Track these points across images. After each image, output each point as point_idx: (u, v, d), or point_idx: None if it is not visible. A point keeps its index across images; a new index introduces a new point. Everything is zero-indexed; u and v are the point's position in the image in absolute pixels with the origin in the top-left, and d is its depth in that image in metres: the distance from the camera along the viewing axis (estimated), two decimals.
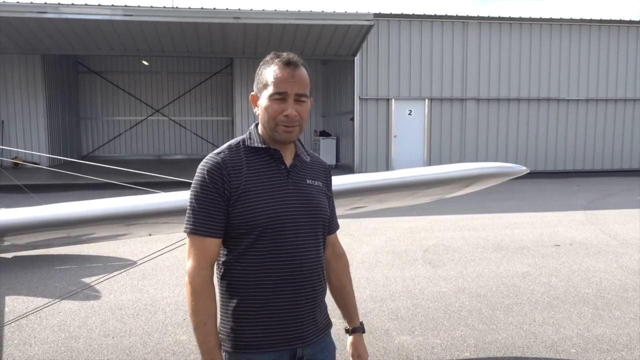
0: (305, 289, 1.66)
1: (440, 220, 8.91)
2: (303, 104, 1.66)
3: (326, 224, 1.77)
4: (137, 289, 5.21)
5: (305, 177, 1.73)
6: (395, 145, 15.96)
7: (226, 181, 1.60)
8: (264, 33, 14.11)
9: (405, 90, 15.77)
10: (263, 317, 1.63)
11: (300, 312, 1.66)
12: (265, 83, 1.65)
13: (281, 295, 1.63)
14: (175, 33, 13.97)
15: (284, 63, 1.63)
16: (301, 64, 1.66)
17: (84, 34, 13.84)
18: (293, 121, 1.63)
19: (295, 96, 1.63)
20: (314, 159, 1.83)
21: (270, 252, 1.61)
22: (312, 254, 1.68)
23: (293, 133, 1.65)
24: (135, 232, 3.21)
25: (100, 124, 21.97)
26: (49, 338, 4.05)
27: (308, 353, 1.71)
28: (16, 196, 10.05)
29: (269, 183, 1.64)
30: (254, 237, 1.61)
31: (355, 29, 14.01)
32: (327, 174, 1.85)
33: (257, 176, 1.64)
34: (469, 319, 4.50)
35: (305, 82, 1.66)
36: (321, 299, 1.75)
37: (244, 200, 1.60)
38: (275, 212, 1.61)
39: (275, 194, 1.63)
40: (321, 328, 1.75)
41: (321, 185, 1.78)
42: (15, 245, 3.22)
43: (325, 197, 1.78)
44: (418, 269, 6.05)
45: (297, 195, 1.68)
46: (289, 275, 1.63)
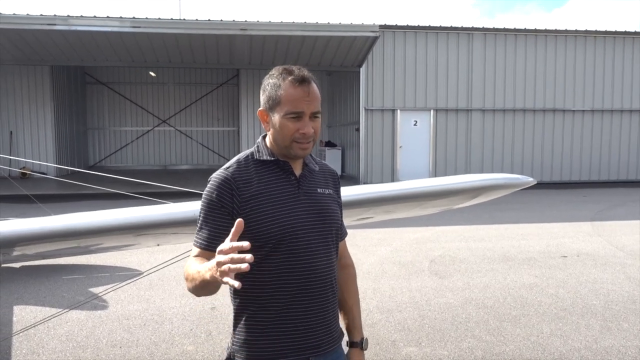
0: (318, 298, 1.67)
1: (446, 231, 8.89)
2: (317, 120, 1.66)
3: (338, 232, 1.79)
4: (144, 299, 5.23)
5: (316, 186, 1.74)
6: (400, 156, 15.97)
7: (235, 195, 1.61)
8: (270, 45, 14.22)
9: (411, 101, 15.81)
10: (277, 327, 1.64)
11: (314, 321, 1.67)
12: (278, 101, 1.63)
13: (295, 306, 1.64)
14: (182, 44, 14.09)
15: (298, 81, 1.61)
16: (313, 80, 1.66)
17: (93, 46, 13.98)
18: (309, 138, 1.64)
19: (311, 115, 1.63)
20: (322, 167, 1.84)
21: (284, 263, 1.62)
22: (325, 262, 1.69)
23: (308, 149, 1.66)
24: (144, 242, 3.24)
25: (107, 135, 22.11)
26: (56, 348, 4.07)
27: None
28: (24, 206, 10.11)
29: (280, 195, 1.65)
30: (268, 249, 1.61)
31: (361, 40, 14.09)
32: (336, 181, 1.86)
33: (268, 188, 1.64)
34: (476, 331, 4.49)
35: (319, 99, 1.67)
36: (334, 308, 1.75)
37: (256, 213, 1.60)
38: (289, 224, 1.62)
39: (287, 205, 1.64)
40: (335, 338, 1.75)
41: (332, 192, 1.79)
42: (25, 255, 3.25)
43: (336, 205, 1.79)
44: (424, 279, 6.04)
45: (309, 204, 1.69)
46: (303, 285, 1.64)
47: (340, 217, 1.83)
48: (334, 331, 1.75)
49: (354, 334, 1.88)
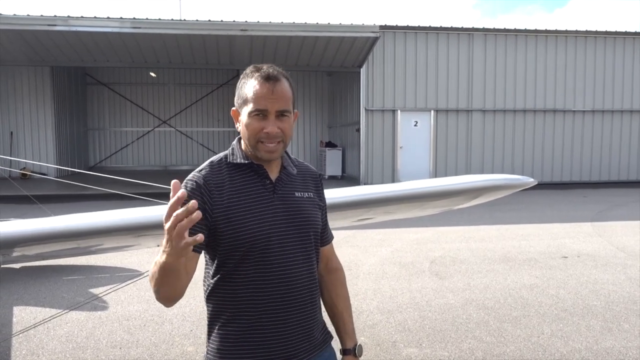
0: (295, 307, 1.60)
1: (446, 232, 8.88)
2: (285, 119, 1.58)
3: (318, 237, 1.70)
4: (144, 300, 5.22)
5: (293, 190, 1.66)
6: (401, 157, 15.96)
7: (207, 200, 1.53)
8: (270, 45, 14.22)
9: (411, 102, 15.80)
10: (251, 337, 1.57)
11: (290, 331, 1.60)
12: (245, 99, 1.58)
13: (270, 315, 1.57)
14: (182, 45, 14.09)
15: (264, 78, 1.55)
16: (283, 77, 1.59)
17: (93, 46, 13.99)
18: (274, 138, 1.56)
19: (277, 113, 1.56)
20: (302, 169, 1.76)
21: (257, 272, 1.55)
22: (303, 270, 1.62)
23: (275, 152, 1.59)
24: (144, 243, 3.23)
25: (107, 135, 22.13)
26: (56, 349, 4.06)
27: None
28: (24, 207, 10.11)
29: (254, 200, 1.58)
30: (239, 257, 1.55)
31: (361, 41, 14.09)
32: (318, 183, 1.77)
33: (241, 193, 1.57)
34: (476, 332, 4.48)
35: (287, 97, 1.58)
36: (313, 316, 1.67)
37: (228, 219, 1.53)
38: (260, 230, 1.55)
39: (259, 211, 1.57)
40: (317, 344, 1.68)
41: (312, 195, 1.71)
42: (25, 256, 3.25)
43: (316, 208, 1.71)
44: (425, 280, 6.03)
45: (285, 210, 1.61)
46: (278, 295, 1.57)
47: (322, 221, 1.75)
48: (314, 339, 1.68)
49: (346, 340, 1.81)
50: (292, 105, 1.62)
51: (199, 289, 1.63)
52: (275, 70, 1.58)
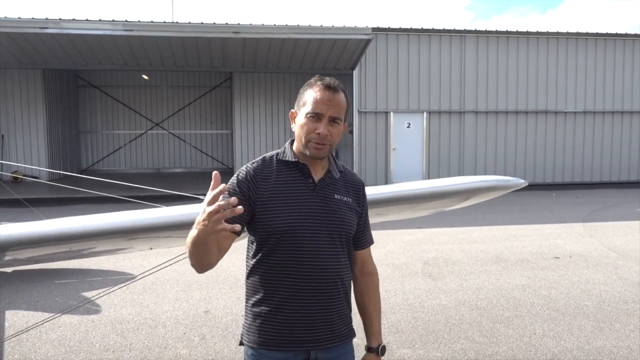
0: (320, 295, 1.76)
1: (439, 233, 8.92)
2: (336, 125, 1.77)
3: (350, 238, 1.86)
4: (137, 303, 5.21)
5: (333, 193, 1.83)
6: (394, 158, 16.00)
7: (252, 188, 1.75)
8: (263, 47, 14.22)
9: (404, 103, 15.85)
10: (279, 317, 1.75)
11: (314, 316, 1.76)
12: (304, 102, 1.79)
13: (297, 300, 1.74)
14: (175, 47, 14.07)
15: (325, 86, 1.76)
16: (341, 90, 1.79)
17: (85, 49, 13.93)
18: (324, 140, 1.74)
19: (330, 118, 1.75)
20: (348, 176, 1.92)
21: (288, 259, 1.74)
22: (331, 264, 1.77)
23: (322, 151, 1.76)
24: (136, 246, 3.23)
25: (100, 138, 22.02)
26: (49, 353, 4.05)
27: (322, 357, 1.80)
28: (16, 210, 10.06)
29: (294, 194, 1.77)
30: (274, 243, 1.74)
31: (354, 43, 14.12)
32: (359, 191, 1.93)
33: (283, 187, 1.77)
34: (469, 332, 4.51)
35: (342, 107, 1.77)
36: (339, 308, 1.82)
37: (267, 207, 1.74)
38: (293, 222, 1.73)
39: (297, 205, 1.75)
40: (338, 335, 1.82)
41: (351, 201, 1.87)
42: (17, 259, 3.24)
43: (352, 213, 1.86)
44: (418, 281, 6.05)
45: (320, 208, 1.78)
46: (305, 282, 1.74)
47: (360, 225, 1.92)
48: (337, 329, 1.82)
49: (372, 339, 1.96)
50: (345, 116, 1.81)
51: (192, 291, 1.66)
52: (335, 82, 1.79)
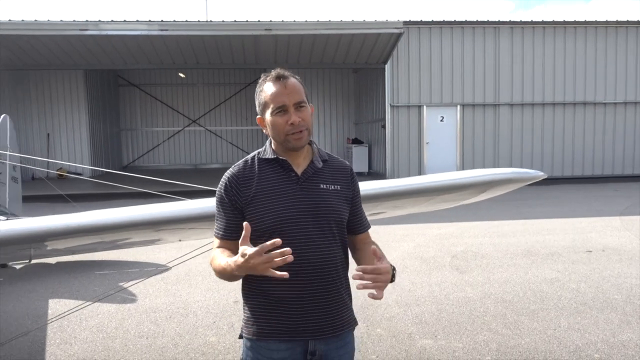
0: (315, 286, 1.78)
1: (470, 227, 8.89)
2: (303, 109, 1.79)
3: (341, 226, 1.86)
4: (170, 293, 5.44)
5: (319, 183, 1.84)
6: (427, 152, 15.93)
7: (236, 193, 1.81)
8: (295, 44, 14.37)
9: (437, 97, 15.74)
10: (275, 309, 1.79)
11: (310, 306, 1.79)
12: (265, 103, 1.81)
13: (292, 291, 1.77)
14: (209, 46, 14.38)
15: (275, 79, 1.78)
16: (291, 76, 1.81)
17: (123, 49, 14.39)
18: (299, 127, 1.78)
19: (294, 105, 1.77)
20: (334, 163, 1.92)
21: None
22: (323, 255, 1.79)
23: (302, 139, 1.79)
24: (165, 237, 3.42)
25: (139, 135, 22.67)
26: (87, 338, 4.30)
27: (320, 348, 1.82)
28: (60, 205, 10.52)
29: (278, 190, 1.79)
30: (265, 239, 1.73)
31: (385, 37, 14.11)
32: (347, 176, 1.92)
33: (267, 185, 1.80)
34: (492, 324, 4.54)
35: (300, 90, 1.80)
36: (336, 297, 1.84)
37: (253, 207, 1.79)
38: (281, 217, 1.76)
39: (283, 200, 1.78)
40: (336, 325, 1.84)
41: (339, 188, 1.87)
42: (56, 250, 3.47)
43: (341, 200, 1.86)
44: (445, 274, 6.09)
45: (306, 199, 1.80)
46: (299, 274, 1.75)
47: (354, 211, 1.92)
48: (336, 318, 1.83)
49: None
50: (307, 98, 1.82)
51: (223, 283, 1.80)
52: (283, 70, 1.81)
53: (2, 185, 6.47)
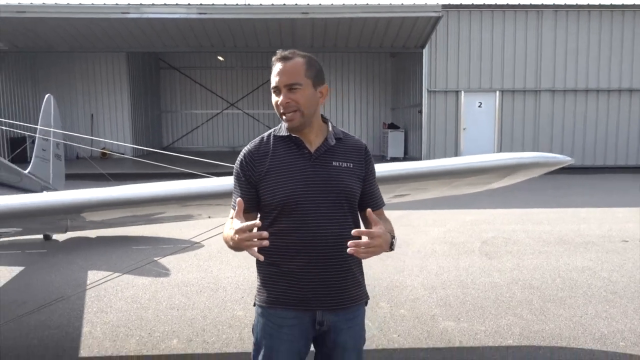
0: (324, 259, 1.84)
1: (503, 214, 8.79)
2: (296, 91, 1.81)
3: (352, 203, 1.90)
4: (202, 269, 5.63)
5: (331, 160, 1.88)
6: (464, 138, 15.72)
7: (251, 168, 1.89)
8: (331, 27, 14.34)
9: (476, 82, 15.48)
10: (285, 279, 1.87)
11: (318, 279, 1.85)
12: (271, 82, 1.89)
13: (302, 263, 1.84)
14: (246, 29, 14.50)
15: (277, 59, 1.84)
16: (298, 56, 1.84)
17: (163, 32, 14.68)
18: (288, 108, 1.82)
19: (285, 87, 1.81)
20: (349, 142, 1.95)
21: (292, 226, 1.84)
22: (333, 229, 1.83)
23: (294, 120, 1.83)
24: (194, 212, 3.55)
25: (179, 117, 23.11)
26: (122, 308, 4.52)
27: (328, 319, 1.88)
28: (102, 184, 10.91)
29: (290, 167, 1.85)
30: (277, 213, 1.86)
31: (424, 21, 13.92)
32: (361, 155, 1.94)
33: (280, 161, 1.87)
34: (517, 309, 4.53)
35: (295, 72, 1.81)
36: (346, 271, 1.89)
37: (266, 183, 1.86)
38: (292, 192, 1.82)
39: (294, 176, 1.84)
40: (344, 298, 1.90)
41: (352, 166, 1.90)
42: (92, 222, 3.66)
43: (353, 178, 1.89)
44: (473, 259, 6.08)
45: (318, 176, 1.85)
46: (306, 245, 1.83)
47: (367, 189, 1.94)
48: (345, 292, 1.89)
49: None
50: (311, 79, 1.84)
51: (252, 261, 1.89)
52: (290, 52, 1.85)
53: (46, 162, 6.79)
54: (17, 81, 17.74)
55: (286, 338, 1.89)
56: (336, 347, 1.92)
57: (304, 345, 1.93)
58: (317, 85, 1.87)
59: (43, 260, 6.17)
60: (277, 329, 1.90)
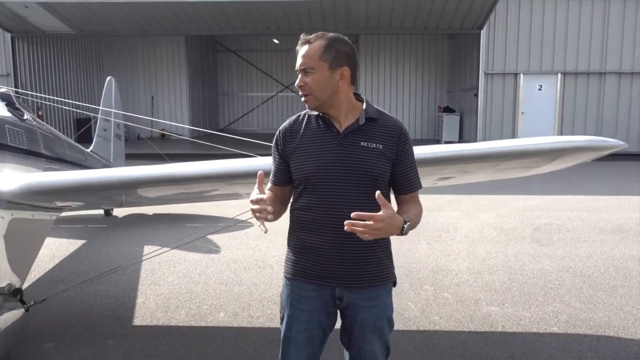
0: (341, 237, 1.81)
1: (559, 200, 8.53)
2: (310, 74, 1.89)
3: (378, 182, 1.88)
4: (251, 247, 5.81)
5: (359, 140, 1.89)
6: (522, 123, 15.23)
7: (283, 143, 2.00)
8: (386, 8, 14.15)
9: (536, 64, 14.91)
10: (305, 252, 1.95)
11: (335, 255, 1.89)
12: None
13: (320, 239, 1.90)
14: (301, 11, 14.53)
15: (300, 43, 1.92)
16: (318, 39, 1.89)
17: (220, 15, 14.93)
18: (303, 90, 1.92)
19: (302, 70, 1.91)
20: (384, 122, 1.94)
21: (315, 201, 1.90)
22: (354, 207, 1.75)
23: (309, 102, 1.93)
24: (242, 191, 3.66)
25: (235, 100, 23.53)
26: (174, 281, 4.75)
27: (347, 296, 1.93)
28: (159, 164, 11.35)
29: (317, 144, 1.92)
30: (302, 188, 1.95)
31: (481, 1, 13.50)
32: (394, 137, 1.92)
33: (309, 139, 1.95)
34: (566, 297, 4.44)
35: (308, 56, 1.88)
36: (367, 251, 1.90)
37: (295, 158, 1.96)
38: (316, 168, 1.89)
39: (320, 154, 1.90)
40: (364, 278, 1.92)
41: (381, 147, 1.89)
42: (146, 198, 3.86)
43: (380, 159, 1.88)
44: (523, 246, 5.96)
45: (343, 155, 1.87)
46: (326, 221, 1.88)
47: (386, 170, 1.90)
48: (364, 271, 1.91)
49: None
50: (327, 61, 1.88)
51: None
52: (314, 35, 1.91)
53: (107, 141, 7.14)
54: (84, 65, 18.65)
55: (307, 309, 1.97)
56: (355, 324, 1.96)
57: (326, 319, 1.99)
58: (336, 68, 1.89)
59: (104, 234, 6.54)
60: (298, 299, 1.98)
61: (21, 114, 4.31)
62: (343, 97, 1.93)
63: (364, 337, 1.97)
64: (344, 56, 1.91)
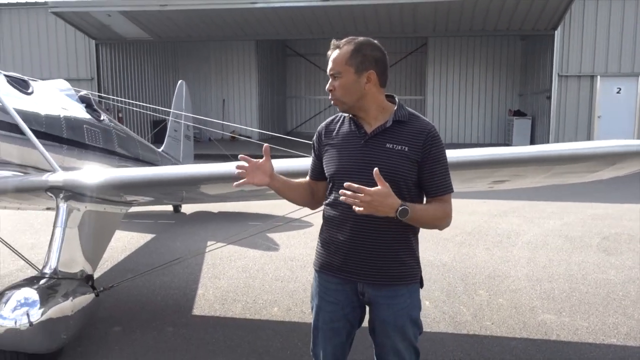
0: (361, 234, 1.93)
1: (633, 209, 8.09)
2: (338, 78, 1.99)
3: (400, 184, 1.90)
4: (308, 246, 5.94)
5: (385, 142, 1.94)
6: (598, 128, 14.55)
7: (319, 142, 2.15)
8: (455, 10, 13.95)
9: (614, 66, 14.20)
10: (329, 246, 2.04)
11: (355, 251, 1.96)
12: None
13: (341, 234, 1.98)
14: (368, 15, 14.60)
15: (331, 48, 2.03)
16: (347, 44, 1.99)
17: (288, 20, 15.28)
18: (331, 95, 2.03)
19: (331, 75, 2.02)
20: (413, 125, 1.96)
21: (338, 198, 1.89)
22: None
23: (337, 105, 2.04)
24: None
25: (303, 103, 23.94)
26: (233, 276, 4.97)
27: (369, 292, 1.99)
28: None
29: (345, 144, 2.03)
30: (331, 185, 2.06)
31: (556, 0, 13.03)
32: (421, 140, 1.93)
33: (339, 139, 2.06)
34: (629, 309, 4.25)
35: (337, 61, 1.98)
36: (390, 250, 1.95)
37: (326, 157, 2.08)
38: (341, 167, 2.00)
39: (346, 153, 2.00)
40: (383, 276, 1.96)
41: (407, 150, 1.92)
42: (207, 195, 4.08)
43: (405, 161, 1.92)
44: (589, 255, 5.74)
45: (368, 156, 1.94)
46: (349, 220, 1.95)
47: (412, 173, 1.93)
48: (383, 269, 1.96)
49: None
50: (353, 66, 1.96)
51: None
52: (345, 40, 2.01)
53: (177, 142, 7.54)
54: (160, 69, 19.65)
55: (332, 300, 2.06)
56: (377, 320, 2.04)
57: (351, 312, 2.06)
58: (362, 72, 1.96)
59: (171, 230, 6.91)
60: (324, 291, 2.08)
61: (98, 115, 4.69)
62: (371, 100, 1.99)
63: (387, 334, 2.02)
64: (371, 60, 1.97)
